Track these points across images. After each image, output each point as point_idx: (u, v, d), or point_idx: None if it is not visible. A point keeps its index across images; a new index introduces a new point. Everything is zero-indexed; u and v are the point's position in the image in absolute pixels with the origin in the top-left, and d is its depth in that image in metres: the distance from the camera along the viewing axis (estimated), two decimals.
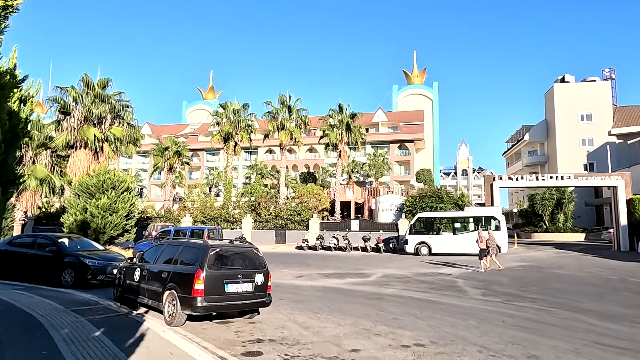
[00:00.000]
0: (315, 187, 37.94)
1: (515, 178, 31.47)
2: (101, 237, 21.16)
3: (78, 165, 23.25)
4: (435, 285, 14.33)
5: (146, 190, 72.80)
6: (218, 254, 7.78)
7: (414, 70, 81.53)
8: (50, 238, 13.17)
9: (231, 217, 36.69)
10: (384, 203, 35.01)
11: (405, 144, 67.87)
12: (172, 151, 40.94)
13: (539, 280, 15.91)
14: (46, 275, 12.52)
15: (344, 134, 36.00)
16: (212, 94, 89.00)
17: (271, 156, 71.32)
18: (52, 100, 23.19)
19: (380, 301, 11.25)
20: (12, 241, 13.74)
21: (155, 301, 8.20)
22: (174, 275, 7.91)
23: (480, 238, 18.14)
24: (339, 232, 31.42)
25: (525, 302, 11.42)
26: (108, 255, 13.25)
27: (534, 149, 63.89)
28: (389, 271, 18.41)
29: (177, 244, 8.78)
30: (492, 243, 18.13)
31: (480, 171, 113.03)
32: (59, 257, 12.47)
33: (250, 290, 7.91)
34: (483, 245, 17.92)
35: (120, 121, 24.76)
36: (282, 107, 37.16)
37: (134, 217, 22.68)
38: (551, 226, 45.90)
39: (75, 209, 21.37)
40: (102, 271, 12.30)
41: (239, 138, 39.23)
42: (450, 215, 26.72)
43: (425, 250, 25.77)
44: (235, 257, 8.15)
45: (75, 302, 9.25)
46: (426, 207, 30.99)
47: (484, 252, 17.99)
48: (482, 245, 17.96)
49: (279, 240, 35.01)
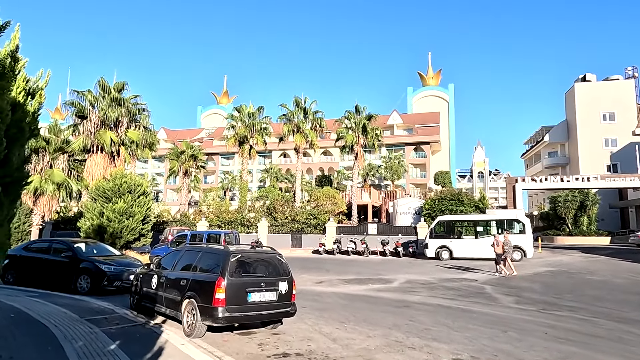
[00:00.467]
0: (332, 190, 37.40)
1: (539, 180, 30.47)
2: (118, 241, 20.96)
3: (95, 169, 23.17)
4: (462, 292, 13.65)
5: (162, 195, 73.21)
6: (240, 261, 7.29)
7: (429, 71, 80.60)
8: (66, 243, 12.88)
9: (247, 221, 36.37)
10: (402, 206, 34.30)
11: (420, 147, 66.98)
12: (188, 155, 40.87)
13: (573, 286, 15.07)
14: (62, 282, 12.22)
15: (361, 136, 35.39)
16: (226, 98, 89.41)
17: (285, 160, 71.08)
18: (68, 104, 23.17)
19: (408, 309, 10.64)
20: (28, 246, 13.52)
21: (174, 310, 7.75)
22: (193, 283, 7.44)
23: (496, 242, 17.90)
24: (356, 236, 30.82)
25: (563, 310, 10.68)
26: (124, 261, 12.92)
27: (554, 150, 62.33)
28: (411, 277, 17.76)
29: (196, 249, 8.32)
30: (508, 247, 17.73)
31: (496, 173, 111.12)
32: (75, 263, 12.17)
33: (274, 299, 7.40)
34: (499, 250, 17.64)
35: (137, 125, 24.65)
36: (297, 109, 36.76)
37: (150, 222, 22.46)
38: (574, 229, 44.44)
39: (92, 213, 21.23)
40: (118, 277, 11.95)
41: (254, 141, 38.94)
42: (473, 219, 25.89)
43: (447, 254, 25.00)
44: (258, 263, 7.65)
45: (91, 310, 8.86)
46: (446, 210, 30.22)
47: (500, 257, 17.68)
48: (498, 249, 17.69)
49: (295, 244, 34.55)
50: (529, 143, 72.33)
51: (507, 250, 17.69)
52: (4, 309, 8.43)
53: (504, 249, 17.56)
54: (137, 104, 24.48)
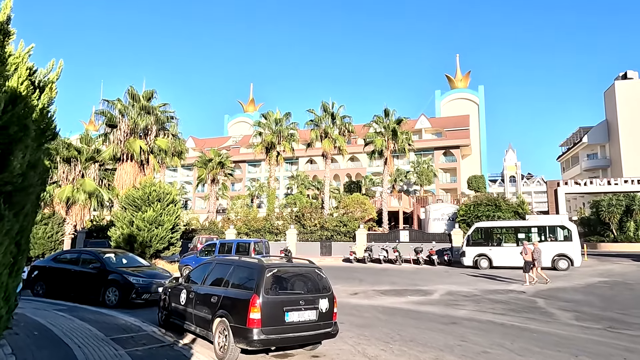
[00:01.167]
0: (361, 196, 36.47)
1: (583, 183, 28.65)
2: (147, 250, 20.74)
3: (124, 177, 23.15)
4: (512, 306, 12.51)
5: (191, 203, 73.92)
6: (276, 276, 6.57)
7: (457, 74, 78.77)
8: (94, 254, 12.54)
9: (275, 229, 35.85)
10: (435, 212, 33.02)
11: (450, 151, 65.18)
12: (215, 162, 40.86)
13: (637, 300, 13.67)
14: (90, 294, 11.86)
15: (390, 140, 34.39)
16: (252, 106, 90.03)
17: (312, 166, 70.62)
18: (99, 114, 23.31)
19: (457, 327, 9.67)
20: (57, 257, 13.27)
21: (204, 330, 7.10)
22: (224, 300, 6.77)
23: (524, 250, 17.38)
24: (388, 244, 29.77)
25: (634, 329, 9.47)
26: (153, 272, 12.46)
27: (593, 152, 59.41)
28: (451, 287, 16.67)
29: (227, 262, 7.65)
30: (537, 255, 17.28)
31: (529, 177, 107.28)
32: (103, 274, 11.78)
33: (314, 319, 6.64)
34: (528, 258, 17.12)
35: (165, 133, 24.58)
36: (324, 114, 36.12)
37: (180, 230, 22.19)
38: (620, 235, 41.79)
39: (122, 222, 21.11)
40: (147, 290, 11.48)
41: (282, 148, 38.50)
42: (514, 225, 24.44)
43: (486, 263, 23.66)
44: (296, 279, 6.91)
45: (117, 328, 8.33)
46: (482, 216, 28.83)
47: (529, 265, 17.13)
48: (527, 257, 17.15)
49: (324, 252, 33.76)
50: (566, 145, 69.36)
51: (537, 259, 17.19)
52: (29, 325, 8.01)
53: (533, 256, 17.06)
54: (166, 112, 24.44)
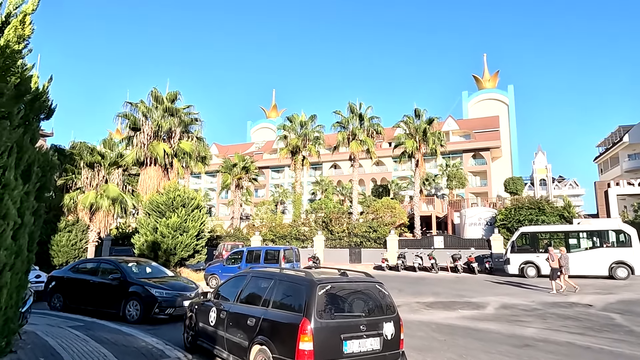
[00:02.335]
0: (391, 200, 34.82)
1: (638, 183, 26.32)
2: (172, 258, 19.75)
3: (148, 182, 22.30)
4: (586, 323, 10.79)
5: (214, 209, 73.60)
6: (330, 294, 5.21)
7: (484, 74, 76.42)
8: (115, 263, 11.46)
9: (301, 235, 34.58)
10: (471, 217, 31.10)
11: (480, 153, 62.87)
12: (240, 167, 39.98)
13: None
14: (110, 307, 10.77)
15: (422, 141, 32.71)
16: (275, 112, 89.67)
17: (336, 171, 69.36)
18: (122, 117, 22.57)
19: (534, 351, 8.10)
20: (76, 266, 12.24)
21: (239, 358, 5.80)
22: (264, 324, 5.47)
23: (551, 256, 16.77)
24: (422, 250, 28.06)
25: None
26: (178, 284, 11.29)
27: (635, 152, 55.94)
28: (503, 299, 14.97)
29: (266, 275, 6.30)
30: (564, 262, 16.56)
31: (560, 180, 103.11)
32: (124, 286, 10.67)
33: (378, 348, 5.26)
34: (555, 265, 16.54)
35: (190, 135, 23.67)
36: (352, 115, 34.69)
37: (205, 237, 21.16)
38: None
39: (146, 228, 20.23)
40: (171, 303, 10.30)
41: (307, 151, 37.28)
42: (564, 230, 22.43)
43: (533, 271, 21.72)
44: (354, 296, 5.51)
45: (136, 352, 7.13)
46: (524, 220, 26.81)
47: (556, 272, 16.55)
48: (554, 264, 16.57)
49: (353, 259, 32.27)
50: (603, 145, 65.84)
51: (564, 265, 16.50)
52: (36, 348, 6.89)
53: (560, 263, 16.46)
54: (190, 114, 23.52)
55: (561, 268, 16.45)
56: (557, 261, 16.50)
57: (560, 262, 16.46)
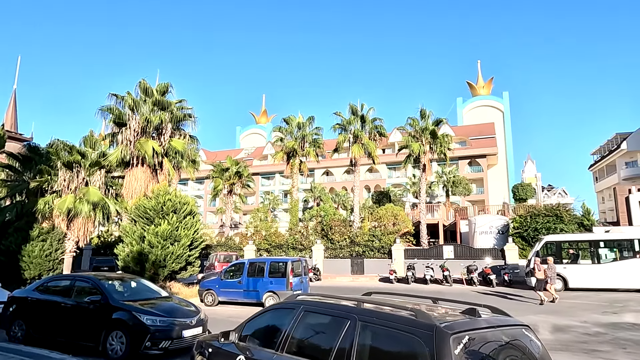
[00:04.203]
0: (395, 207, 32.79)
1: None
2: (161, 271, 17.28)
3: (134, 185, 19.76)
4: None
5: (202, 217, 70.71)
6: (471, 352, 3.03)
7: (478, 80, 75.67)
8: (94, 281, 8.99)
9: (299, 244, 32.28)
10: (482, 225, 29.28)
11: (476, 160, 61.72)
12: (232, 172, 37.56)
13: None
14: (86, 339, 8.37)
15: (429, 144, 30.87)
16: (265, 117, 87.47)
17: (328, 178, 67.41)
18: (106, 110, 19.98)
19: None
20: (44, 284, 9.69)
21: None
22: None
23: (537, 267, 16.79)
24: (433, 261, 26.06)
25: None
26: (173, 307, 8.90)
27: (632, 160, 55.34)
28: (549, 319, 13.03)
29: (334, 310, 3.86)
30: (551, 273, 16.70)
31: (550, 189, 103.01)
32: (105, 311, 8.28)
33: None
34: (541, 275, 16.47)
35: (182, 133, 21.24)
36: (353, 117, 32.67)
37: (198, 247, 18.74)
38: None
39: (132, 237, 17.75)
40: (167, 334, 7.95)
41: (304, 154, 35.07)
42: (593, 239, 20.64)
43: (560, 284, 19.83)
44: (500, 352, 3.31)
45: None
46: (542, 228, 25.09)
47: (542, 283, 16.48)
48: (539, 275, 16.50)
49: (355, 270, 30.09)
50: (599, 153, 65.41)
51: (550, 276, 16.57)
52: None
53: (546, 274, 16.46)
54: (183, 108, 21.02)
55: (547, 279, 16.53)
56: (543, 272, 16.51)
57: (546, 273, 16.52)
